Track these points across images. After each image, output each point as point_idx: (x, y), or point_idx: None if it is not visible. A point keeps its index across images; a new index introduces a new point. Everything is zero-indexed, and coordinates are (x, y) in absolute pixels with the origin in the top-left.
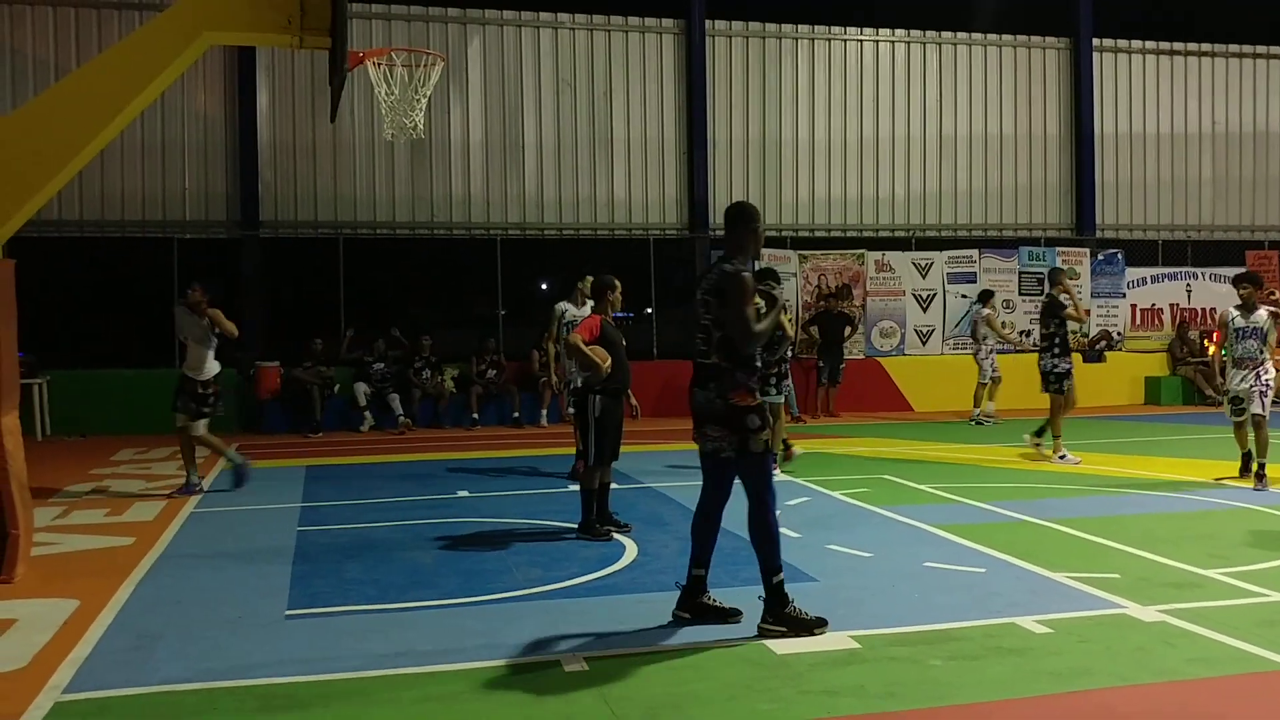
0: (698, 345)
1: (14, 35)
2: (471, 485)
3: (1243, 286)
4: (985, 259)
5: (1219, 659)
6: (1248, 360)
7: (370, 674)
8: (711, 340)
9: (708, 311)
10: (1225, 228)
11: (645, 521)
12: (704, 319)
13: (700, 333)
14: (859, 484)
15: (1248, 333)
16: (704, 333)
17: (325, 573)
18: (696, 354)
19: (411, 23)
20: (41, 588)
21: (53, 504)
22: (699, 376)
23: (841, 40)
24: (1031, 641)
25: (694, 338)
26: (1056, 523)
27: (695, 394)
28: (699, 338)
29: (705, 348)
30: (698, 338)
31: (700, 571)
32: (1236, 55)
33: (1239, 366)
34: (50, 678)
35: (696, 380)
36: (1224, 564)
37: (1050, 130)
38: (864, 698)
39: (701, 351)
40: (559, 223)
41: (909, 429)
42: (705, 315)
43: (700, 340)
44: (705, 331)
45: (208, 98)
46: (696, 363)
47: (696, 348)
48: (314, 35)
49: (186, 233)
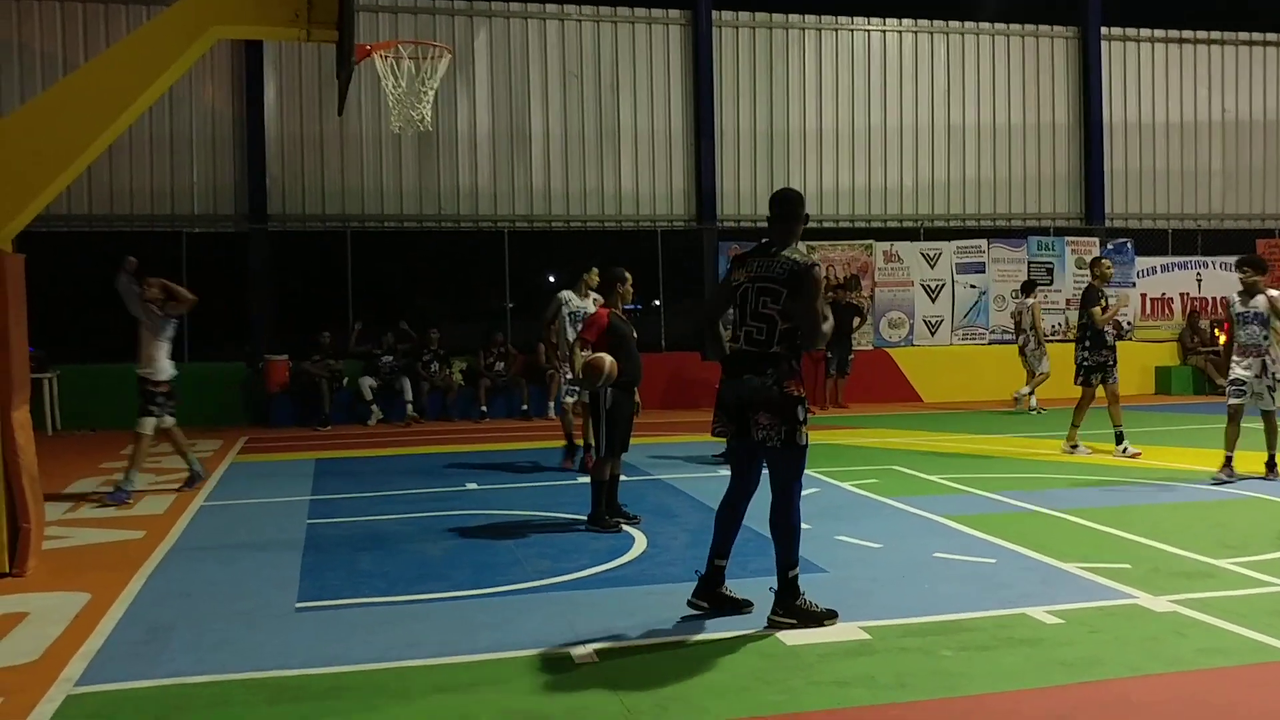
0: (751, 333)
1: (21, 30)
2: (480, 478)
3: (1243, 270)
4: (994, 249)
5: (1231, 649)
6: (1251, 347)
7: (381, 666)
8: (775, 330)
9: (773, 301)
10: (1235, 216)
11: (654, 513)
12: (767, 308)
13: (758, 321)
14: (868, 475)
15: (1248, 318)
16: (764, 321)
17: (335, 565)
18: (749, 341)
19: (418, 15)
20: (53, 581)
21: (63, 498)
22: (753, 364)
23: (849, 30)
24: (1042, 632)
25: (744, 325)
26: (1067, 513)
27: (748, 380)
28: (755, 326)
29: (763, 337)
30: (752, 326)
31: (721, 562)
32: (1246, 43)
33: (1243, 354)
34: (62, 670)
35: (749, 367)
36: (1236, 554)
37: (1059, 119)
38: (874, 688)
39: (758, 340)
40: (566, 214)
41: (918, 420)
42: (770, 304)
43: (756, 330)
44: (766, 321)
45: (215, 92)
46: (744, 350)
47: (749, 335)
48: (321, 28)
49: (195, 226)
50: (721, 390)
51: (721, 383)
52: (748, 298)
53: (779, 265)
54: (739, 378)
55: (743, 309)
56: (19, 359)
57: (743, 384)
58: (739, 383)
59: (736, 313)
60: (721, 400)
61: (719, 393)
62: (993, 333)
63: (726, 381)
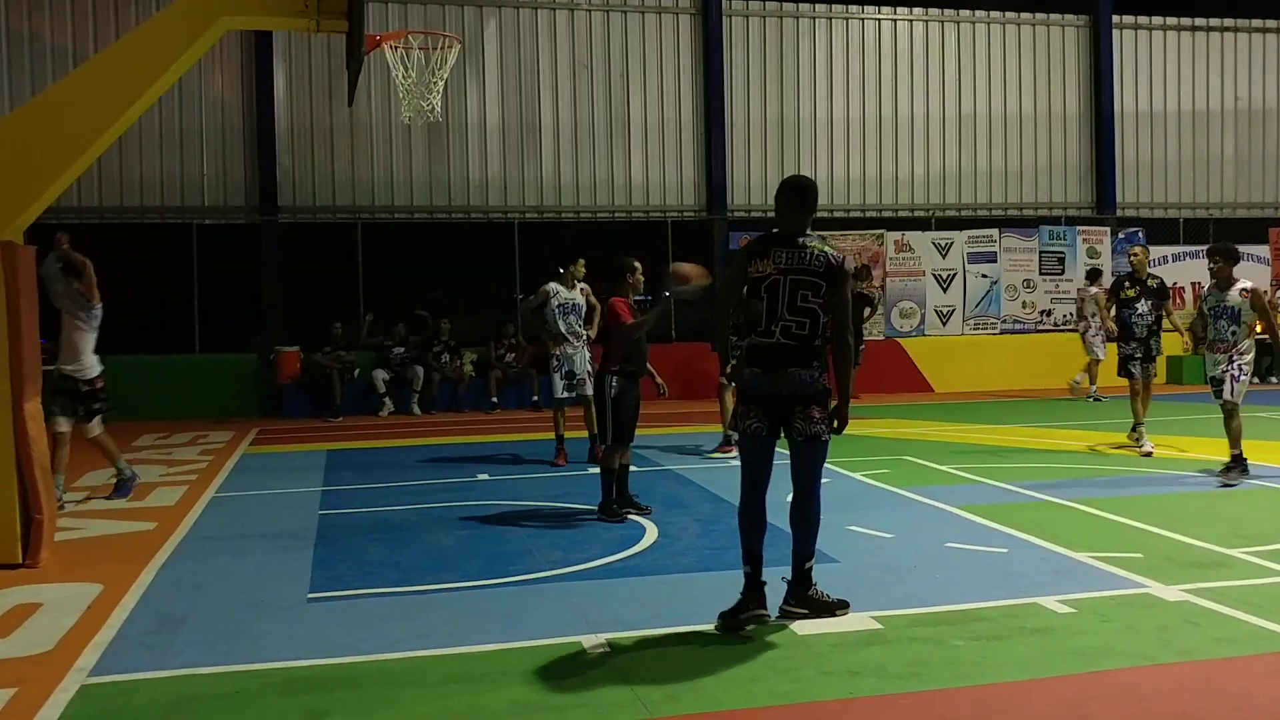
0: (790, 328)
1: (32, 22)
2: (491, 469)
3: (1214, 260)
4: (1006, 238)
5: (1243, 638)
6: (1219, 343)
7: (393, 656)
8: (818, 324)
9: (814, 294)
10: (1249, 205)
11: (665, 504)
12: (808, 301)
13: (798, 315)
14: (880, 465)
15: (1220, 312)
16: (805, 316)
17: (347, 556)
18: (789, 336)
19: (428, 6)
20: (66, 572)
21: (75, 489)
22: (797, 358)
23: (859, 19)
24: (1054, 621)
25: (780, 319)
26: (1078, 502)
27: (796, 375)
28: (795, 320)
29: (805, 331)
30: (791, 320)
31: (809, 564)
32: (1260, 30)
33: (1213, 350)
34: (75, 661)
35: (794, 361)
36: (1248, 543)
37: (1070, 108)
38: (886, 678)
39: (800, 335)
40: (576, 205)
41: (929, 409)
42: (812, 298)
43: (796, 324)
44: (807, 315)
45: (225, 83)
46: (784, 345)
47: (788, 330)
48: (331, 19)
49: (205, 218)
50: (754, 384)
51: (754, 376)
52: (779, 290)
53: (814, 258)
54: (781, 371)
55: (774, 302)
56: (30, 351)
57: (789, 378)
58: (784, 376)
59: (765, 305)
60: (755, 395)
61: (750, 386)
62: (1004, 323)
63: (763, 375)
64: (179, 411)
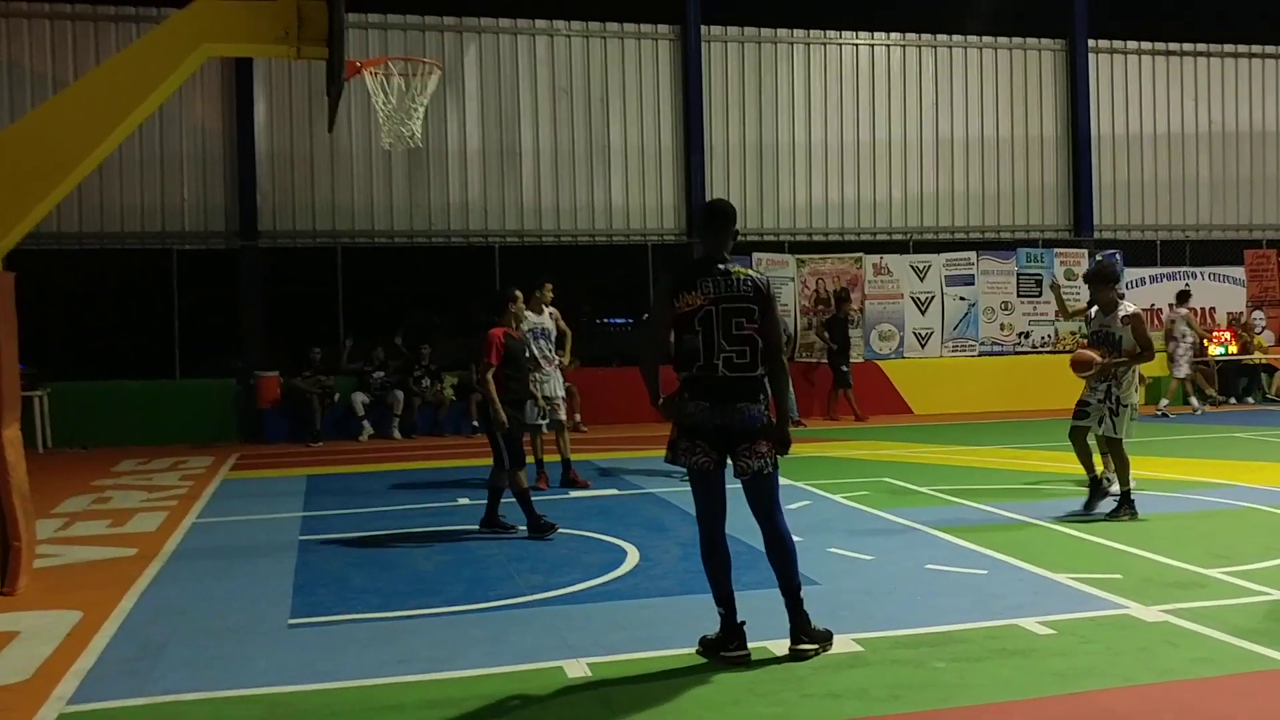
0: (731, 358)
1: (11, 48)
2: (472, 493)
3: (1091, 285)
4: (983, 261)
5: (1222, 658)
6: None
7: (373, 682)
8: (756, 351)
9: (749, 320)
10: (1224, 227)
11: (646, 527)
12: (743, 329)
13: (737, 344)
14: (859, 487)
15: (1102, 338)
16: (743, 344)
17: (328, 581)
18: (731, 367)
19: (408, 32)
20: (45, 599)
21: (55, 516)
22: (744, 391)
23: (837, 44)
24: (1034, 643)
25: (719, 350)
26: (1058, 523)
27: (744, 410)
28: (735, 350)
29: (747, 360)
30: (731, 350)
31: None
32: (1232, 55)
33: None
34: (54, 689)
35: (741, 395)
36: (1226, 563)
37: (1047, 131)
38: (867, 700)
39: (741, 365)
40: (557, 229)
41: (909, 431)
42: (746, 324)
43: (737, 354)
44: (745, 342)
45: (206, 109)
46: (727, 377)
47: (729, 360)
48: (311, 45)
49: (186, 244)
50: (698, 417)
51: (700, 411)
52: (712, 321)
53: (741, 283)
54: (729, 405)
55: (709, 334)
56: (9, 377)
57: (738, 413)
58: (733, 411)
59: (701, 339)
60: (699, 428)
61: (696, 421)
62: (982, 344)
63: (710, 409)
64: (160, 437)
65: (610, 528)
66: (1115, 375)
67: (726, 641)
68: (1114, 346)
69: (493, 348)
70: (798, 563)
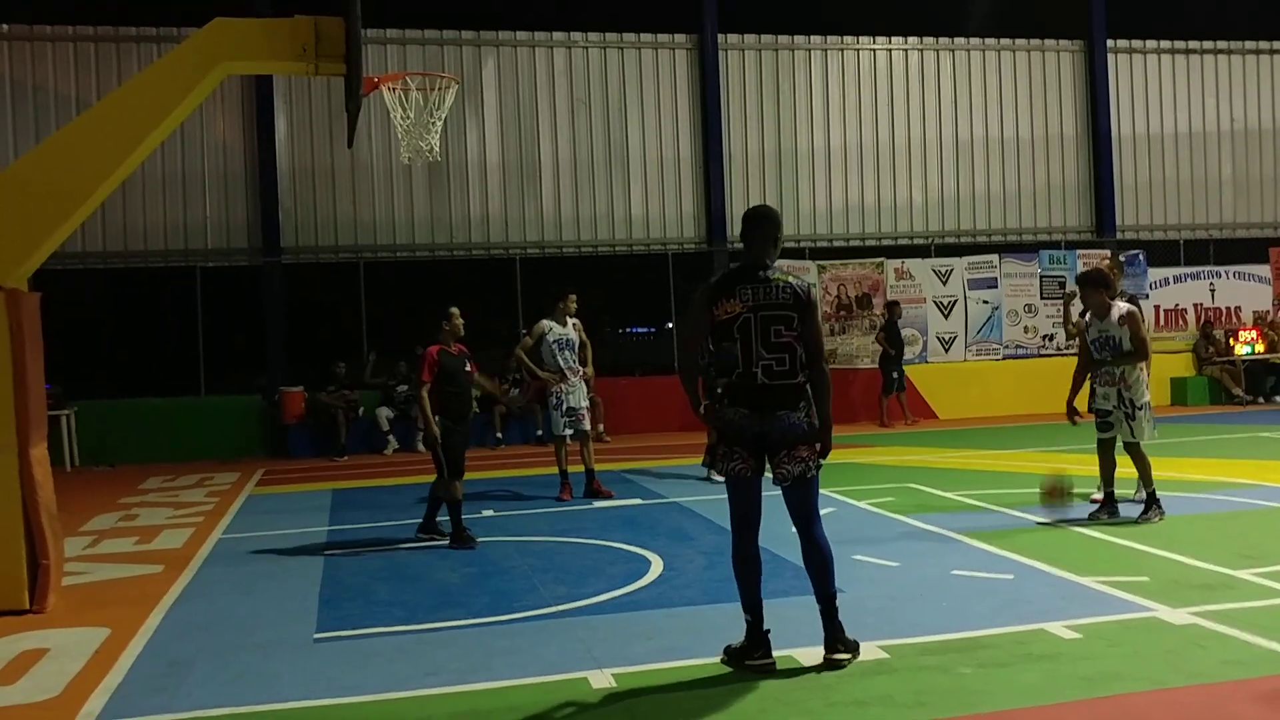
0: (771, 366)
1: (35, 72)
2: (497, 504)
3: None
4: (1006, 263)
5: (1251, 660)
6: (1106, 374)
7: (399, 695)
8: (795, 358)
9: (787, 328)
10: (1248, 225)
11: (670, 537)
12: (782, 336)
13: (776, 352)
14: (885, 493)
15: (1103, 343)
16: (782, 351)
17: (353, 595)
18: (770, 375)
19: (426, 46)
20: (73, 617)
21: (82, 534)
22: (784, 398)
23: (854, 50)
24: (1061, 647)
25: (759, 359)
26: (1084, 527)
27: (785, 418)
28: (775, 358)
29: (786, 368)
30: (771, 358)
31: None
32: (1254, 52)
33: (1100, 381)
34: (83, 706)
35: (781, 403)
36: (1254, 564)
37: (1067, 132)
38: (893, 707)
39: (781, 372)
40: (577, 240)
41: (934, 436)
42: (785, 332)
43: (776, 361)
44: (785, 350)
45: (227, 126)
46: (767, 385)
47: (769, 369)
48: (329, 62)
49: (209, 261)
50: (738, 424)
51: (742, 418)
52: (751, 328)
53: (781, 290)
54: (771, 414)
55: (748, 342)
56: (36, 397)
57: (778, 420)
58: (773, 419)
59: (739, 347)
60: (739, 435)
61: (732, 427)
62: (1007, 348)
63: (749, 415)
64: (185, 454)
65: (634, 537)
66: (1123, 379)
67: (752, 650)
68: (1115, 350)
69: (425, 365)
70: (833, 571)
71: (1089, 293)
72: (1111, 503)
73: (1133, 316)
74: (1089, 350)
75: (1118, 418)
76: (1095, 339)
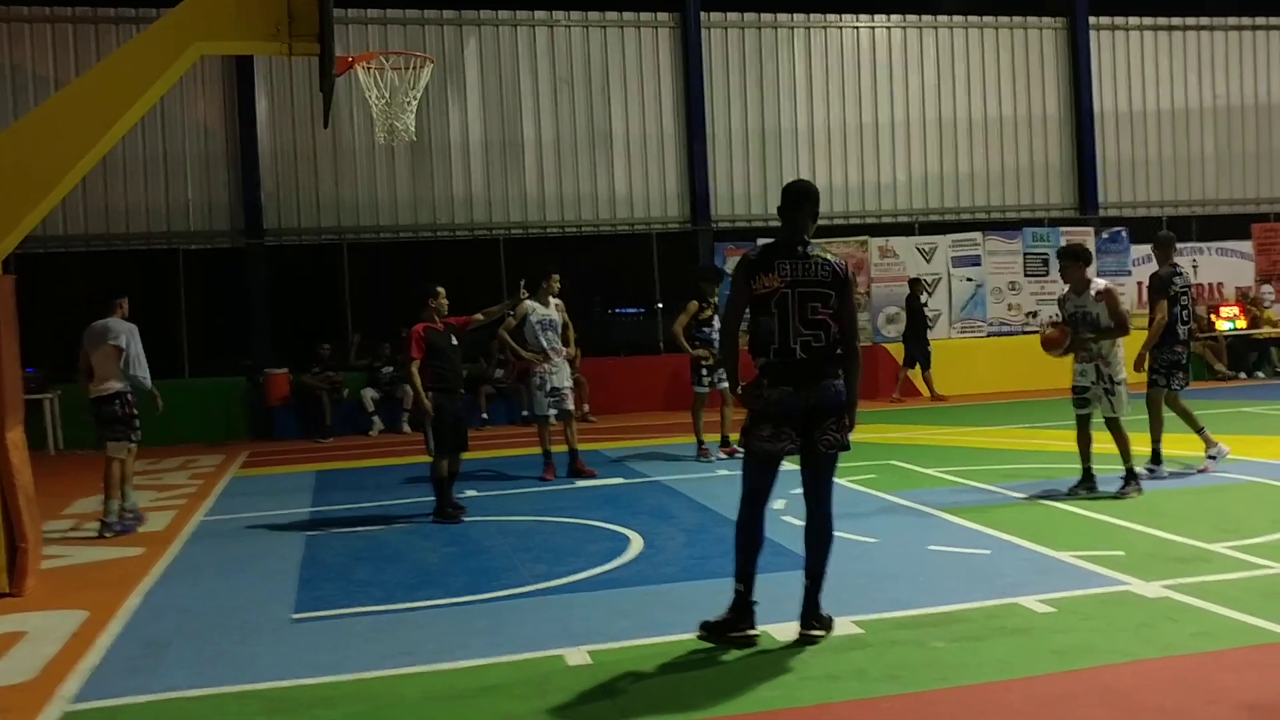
0: (809, 341)
1: (13, 52)
2: (480, 484)
3: (1062, 264)
4: (989, 241)
5: (1221, 632)
6: (1081, 352)
7: (376, 674)
8: (830, 334)
9: (824, 305)
10: (1230, 201)
11: (651, 515)
12: (818, 313)
13: (812, 328)
14: (865, 470)
15: (1080, 318)
16: (819, 328)
17: (333, 576)
18: (808, 350)
19: (408, 26)
20: (51, 600)
21: (64, 517)
22: (825, 368)
23: (837, 28)
24: (1034, 621)
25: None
26: (1063, 502)
27: (829, 386)
28: (811, 334)
29: (823, 344)
30: (808, 334)
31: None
32: (1236, 28)
33: (1078, 359)
34: (59, 688)
35: (823, 373)
36: (1229, 537)
37: (1050, 110)
38: (865, 681)
39: (818, 348)
40: (561, 220)
41: (917, 414)
42: (822, 309)
43: (814, 337)
44: (821, 327)
45: (207, 108)
46: (804, 359)
47: (806, 344)
48: (303, 41)
49: (191, 243)
50: (785, 404)
51: (786, 395)
52: (788, 304)
53: (820, 267)
54: (815, 385)
55: (785, 317)
56: (10, 380)
57: (823, 389)
58: (817, 389)
59: (776, 322)
60: (786, 413)
61: (778, 407)
62: (990, 325)
63: (795, 392)
64: (169, 436)
65: (616, 516)
66: (1102, 355)
67: (737, 621)
68: (1093, 326)
69: (414, 342)
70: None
71: (1069, 266)
72: (1090, 478)
73: (1109, 293)
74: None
75: (1096, 393)
76: (1072, 314)
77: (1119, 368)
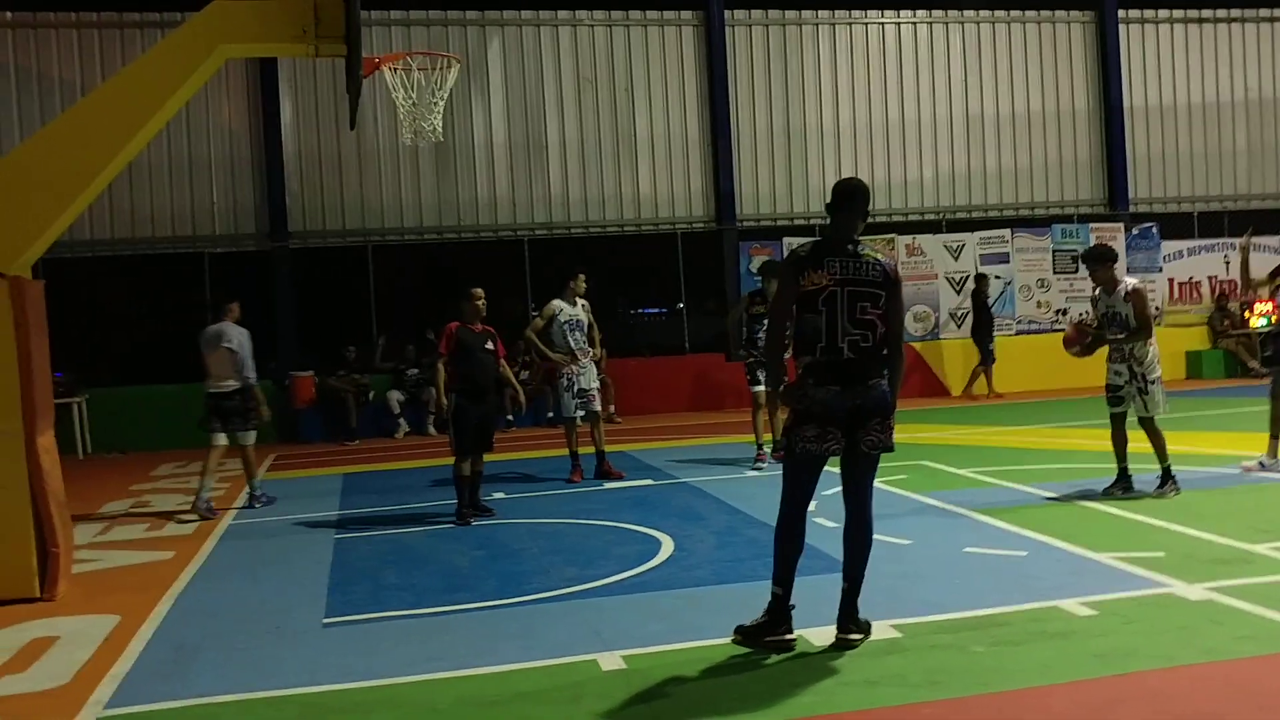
0: (856, 341)
1: (40, 59)
2: (507, 487)
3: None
4: (1018, 238)
5: (1267, 636)
6: (1114, 352)
7: (407, 679)
8: (878, 335)
9: (873, 305)
10: (1263, 196)
11: (681, 517)
12: (867, 313)
13: (861, 328)
14: (897, 471)
15: (1111, 318)
16: (867, 328)
17: (362, 580)
18: (855, 350)
19: (431, 27)
20: (83, 604)
21: (94, 520)
22: (871, 368)
23: (862, 24)
24: (1075, 624)
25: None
26: (1099, 502)
27: (876, 386)
28: (860, 334)
29: (870, 344)
30: (856, 334)
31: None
32: (1269, 20)
33: (1110, 359)
34: (92, 693)
35: (869, 373)
36: (1271, 538)
37: (1078, 105)
38: (905, 686)
39: (865, 348)
40: (585, 220)
41: (947, 413)
42: (871, 309)
43: (861, 337)
44: (869, 327)
45: (232, 112)
46: (852, 359)
47: (854, 344)
48: (329, 43)
49: (217, 247)
50: (833, 403)
51: (833, 395)
52: (838, 303)
53: (870, 267)
54: (863, 385)
55: (833, 315)
56: (42, 385)
57: (871, 389)
58: (865, 389)
59: (824, 320)
60: (833, 413)
61: (825, 407)
62: (1020, 323)
63: (842, 392)
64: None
65: (645, 518)
66: (1134, 354)
67: (774, 625)
68: (1123, 326)
69: (444, 338)
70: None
71: (1097, 268)
72: (1126, 478)
73: (1138, 293)
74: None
75: (1130, 392)
76: (1103, 314)
77: (1153, 367)
